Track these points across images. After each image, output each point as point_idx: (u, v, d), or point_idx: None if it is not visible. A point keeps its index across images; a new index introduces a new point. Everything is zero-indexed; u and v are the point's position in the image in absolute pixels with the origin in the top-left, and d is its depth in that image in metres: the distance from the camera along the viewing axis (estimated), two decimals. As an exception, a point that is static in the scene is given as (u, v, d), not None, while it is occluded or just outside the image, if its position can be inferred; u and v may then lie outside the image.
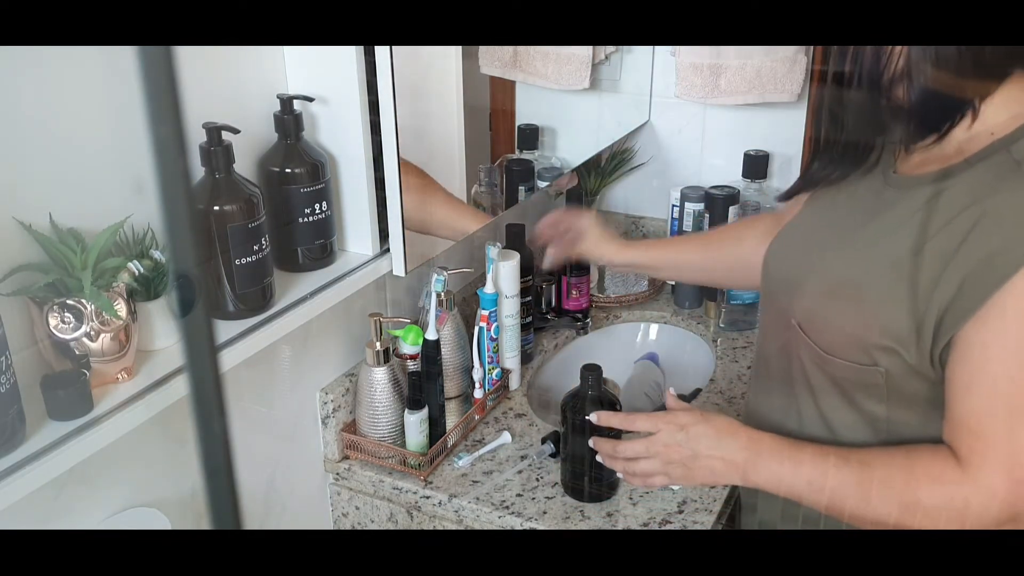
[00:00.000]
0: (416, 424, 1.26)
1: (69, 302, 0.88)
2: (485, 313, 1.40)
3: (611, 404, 1.21)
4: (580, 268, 1.65)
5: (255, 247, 1.06)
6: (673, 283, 1.81)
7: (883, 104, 0.89)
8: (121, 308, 0.91)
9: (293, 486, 1.30)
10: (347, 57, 1.15)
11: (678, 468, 0.99)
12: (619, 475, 1.08)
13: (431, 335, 1.28)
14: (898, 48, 0.84)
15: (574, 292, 1.51)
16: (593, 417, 1.09)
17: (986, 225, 0.81)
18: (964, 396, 0.85)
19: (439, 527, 1.28)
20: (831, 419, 0.97)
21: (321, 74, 1.17)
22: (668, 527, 1.20)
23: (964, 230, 0.82)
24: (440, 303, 1.35)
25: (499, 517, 1.22)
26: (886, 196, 0.93)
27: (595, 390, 1.21)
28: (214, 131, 1.02)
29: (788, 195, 1.06)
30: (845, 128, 0.94)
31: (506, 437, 1.37)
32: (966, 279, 0.82)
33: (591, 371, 1.21)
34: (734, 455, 0.95)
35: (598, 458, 1.10)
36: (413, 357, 1.31)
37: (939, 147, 0.89)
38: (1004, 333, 0.81)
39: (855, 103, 0.91)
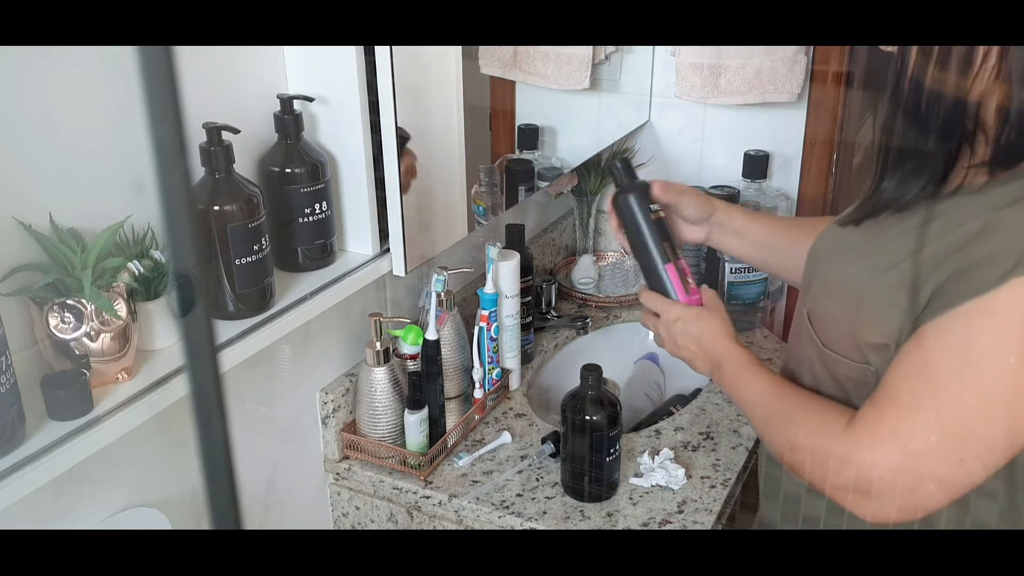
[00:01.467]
0: (416, 424, 1.26)
1: (69, 302, 0.88)
2: (485, 313, 1.40)
3: (611, 404, 1.21)
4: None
5: (255, 247, 1.06)
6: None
7: (969, 124, 0.84)
8: (121, 308, 0.91)
9: (293, 486, 1.30)
10: (347, 57, 1.15)
11: (671, 347, 1.10)
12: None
13: (431, 335, 1.28)
14: (991, 62, 0.80)
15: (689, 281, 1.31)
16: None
17: (983, 236, 0.80)
18: (890, 369, 0.86)
19: (439, 527, 1.28)
20: None
21: (321, 74, 1.17)
22: (668, 527, 1.20)
23: (965, 238, 0.82)
24: (440, 303, 1.35)
25: (499, 517, 1.22)
26: (921, 207, 0.91)
27: (595, 390, 1.21)
28: (214, 131, 1.02)
29: (857, 221, 0.99)
30: (920, 152, 0.88)
31: (506, 437, 1.37)
32: (949, 279, 0.81)
33: (591, 371, 1.21)
34: (706, 357, 1.06)
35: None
36: (413, 357, 1.31)
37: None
38: (956, 339, 0.80)
39: (937, 124, 0.85)
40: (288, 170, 1.15)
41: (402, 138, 1.19)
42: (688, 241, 1.22)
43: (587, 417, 1.20)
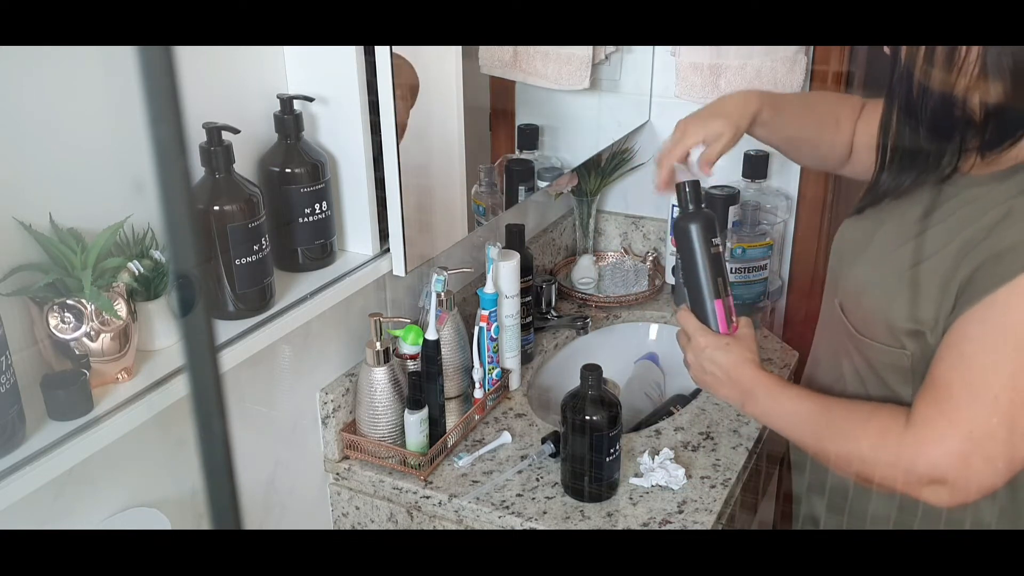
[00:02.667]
0: (416, 424, 1.26)
1: (69, 302, 0.88)
2: (485, 313, 1.40)
3: (611, 404, 1.21)
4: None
5: (255, 247, 1.06)
6: (675, 277, 1.81)
7: (957, 114, 0.88)
8: (121, 308, 0.91)
9: (293, 486, 1.30)
10: (347, 57, 1.15)
11: (700, 375, 1.09)
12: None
13: (431, 335, 1.28)
14: (972, 57, 0.84)
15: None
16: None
17: (1008, 222, 0.84)
18: (936, 363, 0.89)
19: (439, 527, 1.28)
20: (868, 388, 1.00)
21: (321, 74, 1.17)
22: (668, 527, 1.20)
23: (990, 224, 0.86)
24: (440, 303, 1.36)
25: (499, 517, 1.22)
26: (943, 195, 0.95)
27: (595, 390, 1.21)
28: (214, 131, 1.02)
29: (858, 210, 1.05)
30: (914, 142, 0.93)
31: (506, 437, 1.37)
32: (980, 267, 0.85)
33: (591, 371, 1.21)
34: (735, 387, 1.05)
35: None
36: (413, 357, 1.31)
37: (1014, 150, 0.90)
38: (995, 324, 0.84)
39: (928, 113, 0.90)
40: (288, 170, 1.15)
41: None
42: None
43: (587, 417, 1.20)
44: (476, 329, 1.40)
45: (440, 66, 1.29)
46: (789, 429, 1.01)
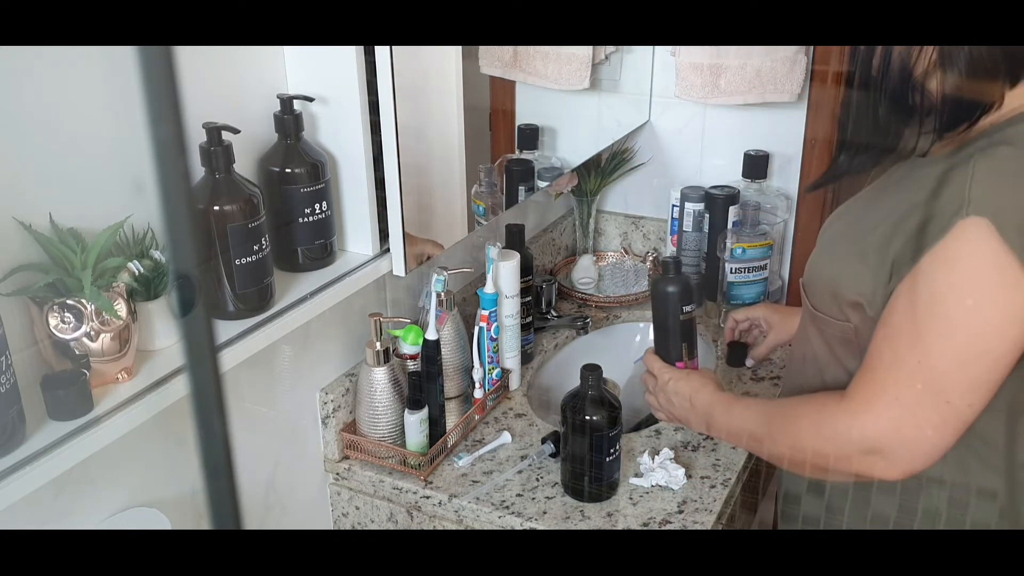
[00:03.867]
0: (416, 424, 1.26)
1: (69, 302, 0.88)
2: (485, 313, 1.40)
3: (611, 404, 1.21)
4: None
5: (255, 247, 1.06)
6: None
7: (915, 98, 0.90)
8: (121, 308, 0.91)
9: (293, 486, 1.30)
10: (347, 57, 1.15)
11: (668, 408, 1.20)
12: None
13: (431, 335, 1.28)
14: (928, 48, 0.86)
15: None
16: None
17: (932, 196, 0.86)
18: (872, 338, 0.92)
19: (439, 527, 1.28)
20: (824, 374, 1.03)
21: (321, 74, 1.17)
22: (668, 527, 1.20)
23: (924, 199, 0.88)
24: (440, 303, 1.35)
25: (499, 517, 1.22)
26: (895, 173, 0.99)
27: (595, 390, 1.21)
28: (214, 131, 1.02)
29: (814, 187, 1.13)
30: (873, 123, 0.96)
31: (506, 437, 1.37)
32: (909, 239, 0.87)
33: (591, 371, 1.21)
34: (698, 414, 1.14)
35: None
36: (413, 357, 1.31)
37: (970, 132, 0.91)
38: (918, 292, 0.86)
39: (886, 97, 0.92)
40: (288, 170, 1.15)
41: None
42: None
43: (587, 417, 1.20)
44: (476, 329, 1.40)
45: (440, 66, 1.29)
46: (745, 439, 1.07)
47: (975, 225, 0.82)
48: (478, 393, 1.41)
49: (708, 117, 1.82)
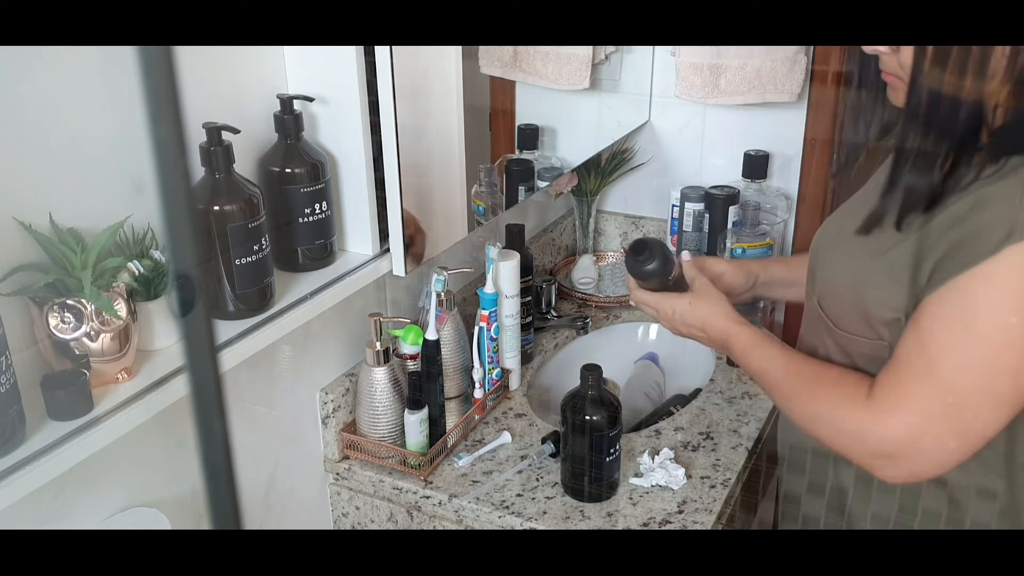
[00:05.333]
0: (416, 424, 1.26)
1: (69, 302, 0.88)
2: (485, 313, 1.40)
3: (611, 404, 1.21)
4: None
5: (255, 247, 1.06)
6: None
7: (978, 118, 0.86)
8: (121, 308, 0.91)
9: (293, 486, 1.30)
10: (347, 57, 1.15)
11: (686, 334, 1.15)
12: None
13: (431, 335, 1.28)
14: (1000, 61, 0.82)
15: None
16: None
17: (974, 210, 0.85)
18: (900, 341, 0.90)
19: (439, 527, 1.28)
20: None
21: (321, 74, 1.17)
22: (668, 527, 1.20)
23: (957, 215, 0.86)
24: (440, 303, 1.35)
25: (499, 517, 1.22)
26: None
27: (595, 390, 1.21)
28: (214, 131, 1.02)
29: (866, 228, 1.00)
30: (932, 147, 0.89)
31: (506, 437, 1.37)
32: (947, 253, 0.86)
33: (591, 371, 1.21)
34: (712, 341, 1.12)
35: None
36: (413, 357, 1.31)
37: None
38: (955, 307, 0.85)
39: (951, 128, 0.86)
40: (288, 170, 1.15)
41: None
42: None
43: (587, 417, 1.20)
44: (476, 329, 1.40)
45: (440, 66, 1.29)
46: (763, 383, 1.04)
47: None
48: (478, 393, 1.41)
49: (708, 117, 1.82)
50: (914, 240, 0.90)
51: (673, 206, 1.82)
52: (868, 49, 0.92)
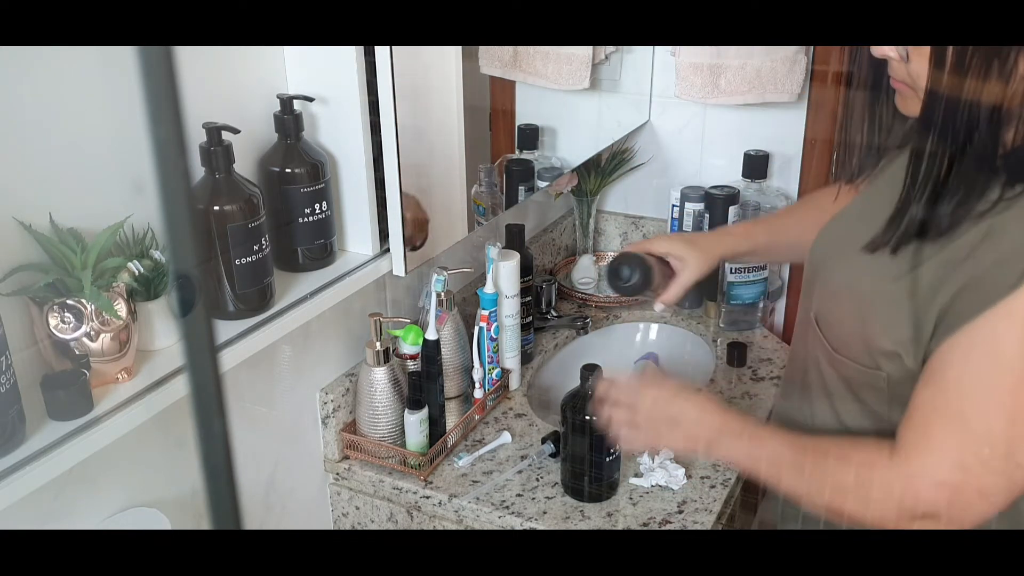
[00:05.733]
0: (416, 424, 1.26)
1: (69, 302, 0.88)
2: (485, 313, 1.40)
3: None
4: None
5: (255, 247, 1.06)
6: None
7: (998, 151, 0.82)
8: (121, 308, 0.91)
9: (293, 486, 1.30)
10: (347, 57, 1.15)
11: (653, 426, 1.02)
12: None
13: (431, 335, 1.28)
14: (1017, 95, 0.78)
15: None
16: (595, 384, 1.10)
17: (989, 242, 0.81)
18: (921, 390, 0.85)
19: (439, 527, 1.28)
20: (841, 415, 0.97)
21: (321, 74, 1.17)
22: (668, 527, 1.20)
23: (972, 243, 0.82)
24: (440, 303, 1.35)
25: (499, 517, 1.22)
26: None
27: (595, 390, 1.20)
28: (214, 131, 1.02)
29: (893, 249, 0.95)
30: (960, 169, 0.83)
31: (506, 437, 1.37)
32: (962, 290, 0.81)
33: (591, 371, 1.21)
34: (700, 432, 0.99)
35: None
36: (413, 357, 1.31)
37: None
38: (983, 351, 0.80)
39: (976, 142, 0.81)
40: (288, 170, 1.15)
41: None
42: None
43: (587, 417, 1.19)
44: (476, 329, 1.40)
45: (440, 66, 1.29)
46: (766, 466, 0.95)
47: None
48: (478, 393, 1.41)
49: (708, 117, 1.82)
50: (925, 270, 0.85)
51: (673, 206, 1.82)
52: (876, 52, 0.88)
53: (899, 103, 0.90)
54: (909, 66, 0.85)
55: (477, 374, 1.40)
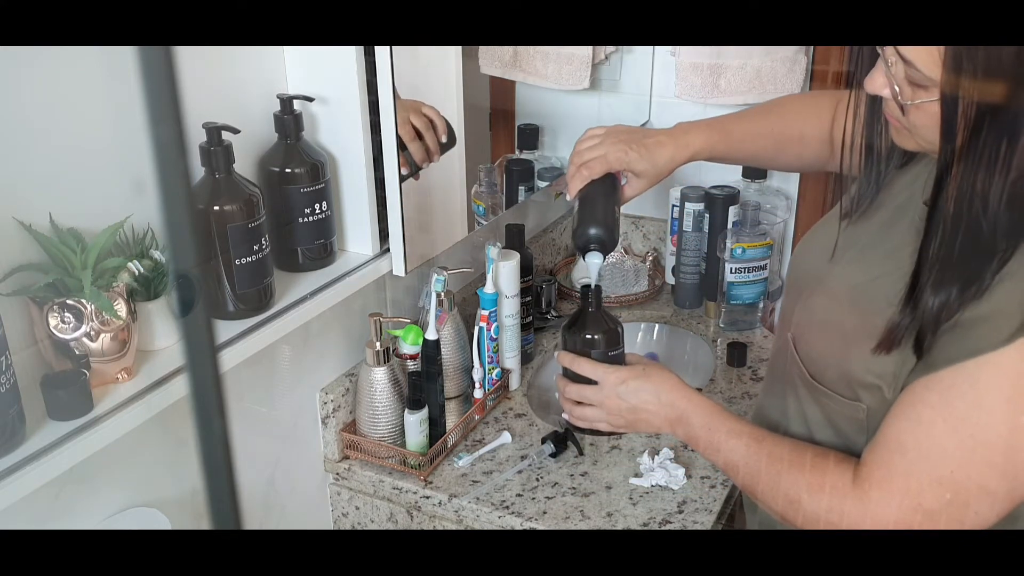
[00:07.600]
0: (416, 424, 1.26)
1: (69, 302, 0.88)
2: (485, 313, 1.40)
3: (613, 322, 1.11)
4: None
5: (255, 247, 1.06)
6: (674, 266, 1.81)
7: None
8: (121, 308, 0.91)
9: (293, 486, 1.30)
10: (347, 57, 1.15)
11: (618, 418, 1.03)
12: (564, 416, 1.08)
13: (431, 335, 1.28)
14: None
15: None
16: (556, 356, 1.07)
17: (994, 286, 0.78)
18: (892, 422, 0.84)
19: (439, 527, 1.28)
20: (817, 439, 0.96)
21: (321, 74, 1.17)
22: (668, 527, 1.20)
23: None
24: (440, 303, 1.35)
25: (499, 517, 1.22)
26: (908, 230, 0.88)
27: (595, 307, 1.10)
28: (214, 131, 1.02)
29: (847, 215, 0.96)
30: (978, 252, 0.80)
31: (506, 437, 1.37)
32: (951, 329, 0.79)
33: (591, 289, 1.09)
34: (667, 412, 1.00)
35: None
36: (413, 357, 1.31)
37: None
38: (960, 397, 0.79)
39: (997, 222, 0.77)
40: (288, 170, 1.15)
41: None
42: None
43: (587, 336, 1.08)
44: (476, 329, 1.40)
45: (440, 66, 1.29)
46: (726, 464, 0.96)
47: None
48: (478, 393, 1.41)
49: (708, 117, 1.82)
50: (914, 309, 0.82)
51: (673, 206, 1.82)
52: (869, 89, 0.86)
53: (893, 135, 0.89)
54: (907, 118, 0.83)
55: (477, 374, 1.40)
